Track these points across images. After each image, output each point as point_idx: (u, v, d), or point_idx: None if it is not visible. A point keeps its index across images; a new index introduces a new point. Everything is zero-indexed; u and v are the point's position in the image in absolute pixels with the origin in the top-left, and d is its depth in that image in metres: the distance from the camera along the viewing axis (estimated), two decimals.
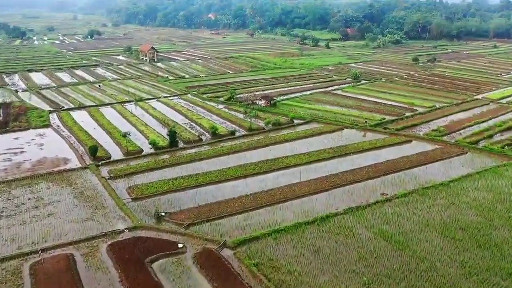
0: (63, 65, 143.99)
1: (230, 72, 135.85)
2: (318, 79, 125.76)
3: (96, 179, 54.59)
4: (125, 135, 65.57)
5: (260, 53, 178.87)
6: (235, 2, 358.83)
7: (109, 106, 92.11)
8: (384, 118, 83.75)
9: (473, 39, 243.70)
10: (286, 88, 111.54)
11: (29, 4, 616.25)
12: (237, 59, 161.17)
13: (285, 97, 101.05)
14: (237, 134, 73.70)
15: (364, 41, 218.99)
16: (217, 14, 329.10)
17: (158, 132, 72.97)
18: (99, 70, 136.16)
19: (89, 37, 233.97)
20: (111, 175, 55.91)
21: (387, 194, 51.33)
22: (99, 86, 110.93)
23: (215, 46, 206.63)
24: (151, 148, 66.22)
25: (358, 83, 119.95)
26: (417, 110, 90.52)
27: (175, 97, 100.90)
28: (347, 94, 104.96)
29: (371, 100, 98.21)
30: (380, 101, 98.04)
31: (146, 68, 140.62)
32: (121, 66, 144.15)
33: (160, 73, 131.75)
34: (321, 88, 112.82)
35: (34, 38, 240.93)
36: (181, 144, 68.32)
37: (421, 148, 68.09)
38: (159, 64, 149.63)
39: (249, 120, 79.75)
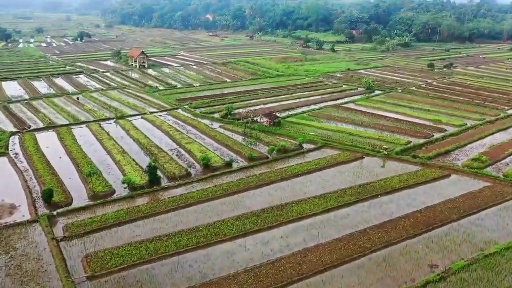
0: (43, 72, 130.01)
1: (228, 80, 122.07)
2: (326, 89, 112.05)
3: (44, 241, 40.84)
4: (89, 174, 51.76)
5: (261, 58, 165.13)
6: (234, 2, 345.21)
7: (84, 125, 78.24)
8: (410, 142, 70.02)
9: (486, 41, 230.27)
10: (291, 101, 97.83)
11: (23, 4, 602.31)
12: (235, 65, 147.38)
13: (290, 113, 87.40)
14: (234, 165, 59.95)
15: (371, 43, 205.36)
16: (215, 15, 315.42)
17: (137, 164, 59.13)
18: (82, 79, 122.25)
19: (78, 39, 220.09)
20: (66, 233, 42.13)
21: (437, 266, 37.69)
22: (77, 98, 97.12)
23: (212, 50, 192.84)
24: (125, 188, 52.46)
25: (372, 94, 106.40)
26: (446, 130, 76.81)
27: (163, 113, 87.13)
28: (362, 109, 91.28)
29: (391, 117, 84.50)
30: (400, 117, 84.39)
31: (135, 76, 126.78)
32: (108, 73, 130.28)
33: (149, 82, 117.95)
34: (331, 100, 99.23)
35: (20, 40, 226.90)
36: (164, 181, 54.63)
37: (464, 185, 54.40)
38: (149, 71, 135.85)
39: (249, 146, 66.02)
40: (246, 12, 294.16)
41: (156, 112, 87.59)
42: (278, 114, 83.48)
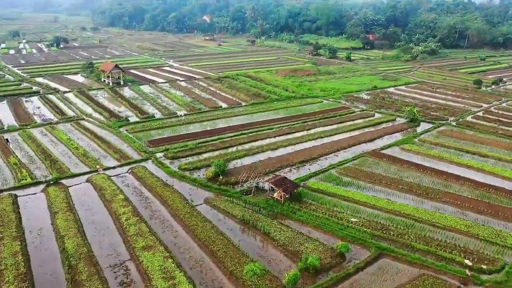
0: None
1: (223, 105, 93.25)
2: (354, 119, 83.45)
3: None
4: None
5: (265, 70, 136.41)
6: (234, 2, 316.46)
7: None
8: None
9: None
10: (310, 143, 69.14)
11: (13, 4, 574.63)
12: (233, 81, 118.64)
13: (311, 168, 58.97)
14: None
15: (393, 51, 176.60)
16: (212, 16, 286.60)
17: None
18: (33, 103, 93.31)
19: (55, 45, 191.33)
20: None
21: None
22: (7, 141, 68.27)
23: (207, 59, 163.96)
24: None
25: (419, 130, 77.88)
26: None
27: (125, 169, 58.52)
28: (414, 159, 62.91)
29: (466, 178, 56.02)
30: (480, 178, 55.95)
31: (102, 99, 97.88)
32: (70, 95, 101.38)
33: (119, 109, 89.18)
34: (366, 141, 70.64)
35: None
36: None
37: None
38: (124, 90, 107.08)
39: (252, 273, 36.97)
40: (246, 14, 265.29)
41: (114, 167, 58.81)
42: (294, 172, 55.30)
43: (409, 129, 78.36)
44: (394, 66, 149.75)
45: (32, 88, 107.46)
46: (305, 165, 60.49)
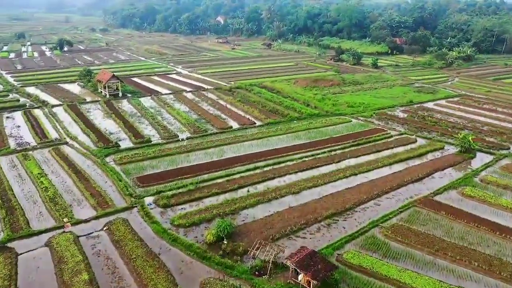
0: None
1: (233, 125, 78.73)
2: (392, 147, 68.05)
3: None
4: None
5: (282, 78, 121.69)
6: (250, 2, 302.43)
7: None
8: None
9: None
10: (341, 185, 54.17)
11: (27, 4, 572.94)
12: (246, 93, 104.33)
13: (346, 229, 44.06)
14: None
15: (425, 57, 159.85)
16: (227, 17, 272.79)
17: None
18: (11, 122, 79.86)
19: (58, 48, 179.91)
20: None
21: None
22: None
23: (219, 65, 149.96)
24: None
25: (472, 159, 62.26)
26: None
27: (101, 221, 44.59)
28: (484, 214, 47.27)
29: None
30: None
31: (94, 116, 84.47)
32: (59, 110, 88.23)
33: (111, 129, 75.50)
34: (411, 181, 55.50)
35: None
36: None
37: None
38: (123, 103, 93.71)
39: None
40: (262, 15, 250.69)
41: (88, 220, 44.92)
42: (324, 233, 40.97)
43: (463, 163, 62.72)
44: (428, 75, 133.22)
45: (19, 100, 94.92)
46: (337, 220, 45.64)
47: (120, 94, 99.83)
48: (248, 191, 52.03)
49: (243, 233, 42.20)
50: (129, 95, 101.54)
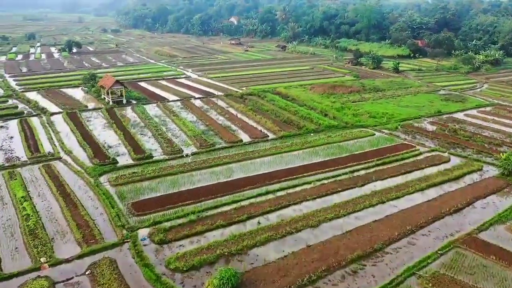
0: None
1: (244, 138, 71.39)
2: (422, 168, 59.87)
3: None
4: None
5: (298, 84, 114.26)
6: (264, 2, 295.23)
7: None
8: None
9: None
10: (366, 216, 46.47)
11: (43, 4, 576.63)
12: (259, 100, 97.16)
13: (376, 278, 36.33)
14: None
15: (450, 60, 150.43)
16: (240, 18, 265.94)
17: None
18: (5, 132, 73.74)
19: (67, 49, 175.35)
20: None
21: None
22: None
23: (231, 68, 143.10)
24: None
25: None
26: None
27: (84, 262, 37.76)
28: None
29: None
30: None
31: (94, 125, 78.20)
32: (57, 118, 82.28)
33: (110, 141, 69.05)
34: (449, 212, 47.37)
35: (1, 48, 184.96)
36: None
37: None
38: (127, 111, 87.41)
39: None
40: (277, 15, 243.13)
41: (69, 260, 38.22)
42: (349, 282, 33.33)
43: (507, 188, 54.38)
44: (455, 81, 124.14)
45: (17, 107, 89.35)
46: (364, 265, 38.01)
47: (124, 101, 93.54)
48: (258, 222, 44.80)
49: (252, 283, 34.94)
50: (134, 101, 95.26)
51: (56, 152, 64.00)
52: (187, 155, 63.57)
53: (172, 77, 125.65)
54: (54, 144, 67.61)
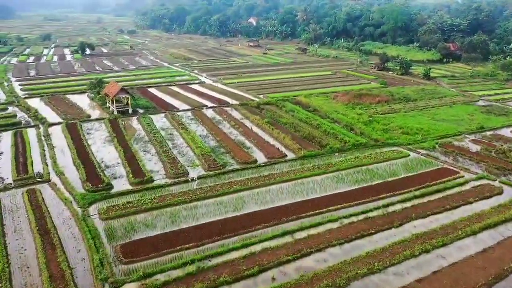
0: None
1: (258, 158, 62.57)
2: (470, 202, 49.88)
3: None
4: None
5: (320, 92, 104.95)
6: (284, 2, 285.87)
7: None
8: None
9: None
10: (408, 271, 37.01)
11: (63, 4, 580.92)
12: (277, 110, 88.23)
13: None
14: None
15: (487, 66, 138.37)
16: (259, 19, 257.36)
17: None
18: None
19: (79, 51, 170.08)
20: None
21: None
22: None
23: (248, 73, 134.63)
24: None
25: None
26: None
27: None
28: None
29: None
30: None
31: (93, 139, 70.73)
32: (56, 129, 75.34)
33: (108, 160, 61.37)
34: None
35: (14, 50, 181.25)
36: None
37: None
38: (129, 123, 79.77)
39: None
40: (297, 16, 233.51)
41: None
42: None
43: None
44: (494, 89, 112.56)
45: (16, 116, 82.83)
46: None
47: (130, 110, 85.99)
48: (273, 278, 36.02)
49: None
50: (140, 111, 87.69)
51: (46, 173, 56.49)
52: (192, 180, 55.21)
53: (184, 82, 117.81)
54: (46, 163, 60.24)
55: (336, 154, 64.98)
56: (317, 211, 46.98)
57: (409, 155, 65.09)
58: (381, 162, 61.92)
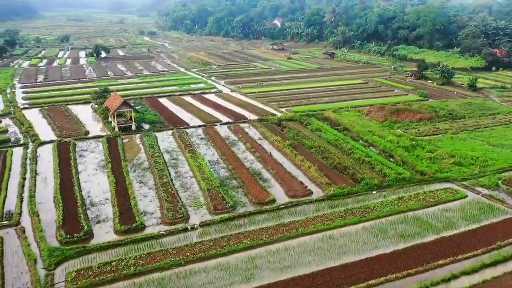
0: None
1: (277, 196, 50.70)
2: None
3: None
4: None
5: (350, 105, 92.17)
6: (311, 3, 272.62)
7: None
8: None
9: None
10: None
11: (90, 4, 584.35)
12: (302, 129, 76.08)
13: None
14: None
15: None
16: (284, 20, 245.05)
17: None
18: None
19: (94, 55, 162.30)
20: None
21: None
22: None
23: (270, 80, 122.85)
24: None
25: None
26: None
27: None
28: None
29: None
30: None
31: (84, 165, 60.50)
32: (47, 148, 65.77)
33: (95, 194, 50.88)
34: None
35: (29, 52, 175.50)
36: None
37: None
38: (131, 143, 69.33)
39: None
40: (325, 18, 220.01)
41: None
42: None
43: None
44: None
45: (7, 131, 74.04)
46: None
47: (134, 127, 75.53)
48: None
49: None
50: (146, 126, 77.41)
51: (17, 213, 46.34)
52: (192, 228, 43.87)
53: (199, 91, 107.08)
54: (22, 196, 50.24)
55: (373, 192, 52.38)
56: (353, 286, 34.77)
57: (466, 196, 51.77)
58: (432, 206, 48.96)
